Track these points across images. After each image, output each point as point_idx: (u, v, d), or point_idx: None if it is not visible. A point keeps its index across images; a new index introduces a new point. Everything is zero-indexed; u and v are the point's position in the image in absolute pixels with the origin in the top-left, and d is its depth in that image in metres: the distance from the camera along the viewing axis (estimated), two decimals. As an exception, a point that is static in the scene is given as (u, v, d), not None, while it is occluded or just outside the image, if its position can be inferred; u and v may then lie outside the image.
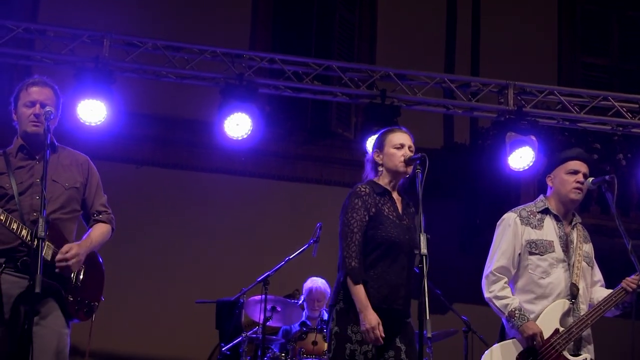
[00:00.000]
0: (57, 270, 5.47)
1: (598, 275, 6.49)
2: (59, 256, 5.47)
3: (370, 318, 5.53)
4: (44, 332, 5.42)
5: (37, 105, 5.70)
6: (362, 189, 5.87)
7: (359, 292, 5.60)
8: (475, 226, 12.21)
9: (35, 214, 5.41)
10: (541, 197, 6.48)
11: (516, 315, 6.07)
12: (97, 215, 5.91)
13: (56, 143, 5.87)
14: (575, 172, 6.32)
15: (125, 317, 10.74)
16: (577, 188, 6.30)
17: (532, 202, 6.50)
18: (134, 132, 11.40)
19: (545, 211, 6.36)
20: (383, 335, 5.53)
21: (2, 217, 5.36)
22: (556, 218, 6.34)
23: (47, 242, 5.40)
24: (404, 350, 5.66)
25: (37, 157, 5.70)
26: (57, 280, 5.51)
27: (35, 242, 5.08)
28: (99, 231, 5.87)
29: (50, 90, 5.82)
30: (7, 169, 5.62)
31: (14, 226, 5.39)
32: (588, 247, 6.40)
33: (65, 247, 5.52)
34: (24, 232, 5.41)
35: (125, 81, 9.31)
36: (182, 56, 9.33)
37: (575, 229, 6.38)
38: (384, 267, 5.69)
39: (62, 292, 5.54)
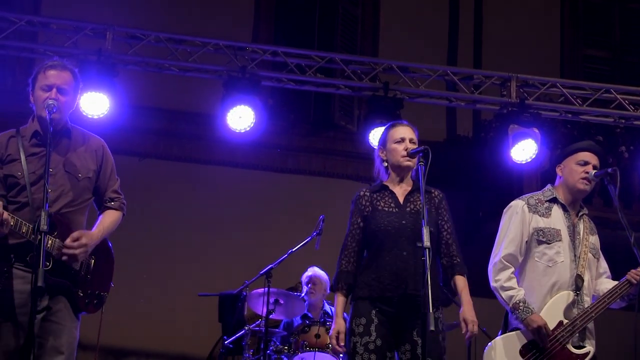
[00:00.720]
0: (63, 258, 5.40)
1: (604, 266, 6.47)
2: (67, 241, 5.39)
3: (335, 327, 5.70)
4: (53, 328, 5.40)
5: (54, 90, 5.56)
6: (359, 194, 5.98)
7: (338, 299, 5.80)
8: (478, 219, 12.23)
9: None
10: (549, 186, 6.48)
11: (520, 307, 6.05)
12: (109, 202, 5.82)
13: (70, 125, 5.77)
14: (585, 163, 6.32)
15: (127, 311, 10.73)
16: (585, 178, 6.30)
17: (539, 191, 6.49)
18: (137, 124, 11.42)
19: (553, 200, 6.35)
20: (342, 344, 5.66)
21: (12, 222, 5.28)
22: (563, 207, 6.33)
23: (56, 240, 5.39)
24: (421, 344, 5.55)
25: (52, 147, 5.50)
26: (66, 277, 5.46)
27: (39, 237, 5.05)
28: (110, 219, 5.78)
29: (68, 73, 5.68)
30: (20, 155, 5.52)
31: (24, 230, 5.31)
32: (594, 239, 6.39)
33: (76, 234, 5.44)
34: (33, 236, 5.31)
35: (128, 74, 9.30)
36: (185, 49, 9.32)
37: (582, 220, 6.37)
38: (382, 257, 5.70)
39: (71, 288, 5.50)
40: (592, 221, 6.53)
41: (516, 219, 6.28)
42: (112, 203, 5.83)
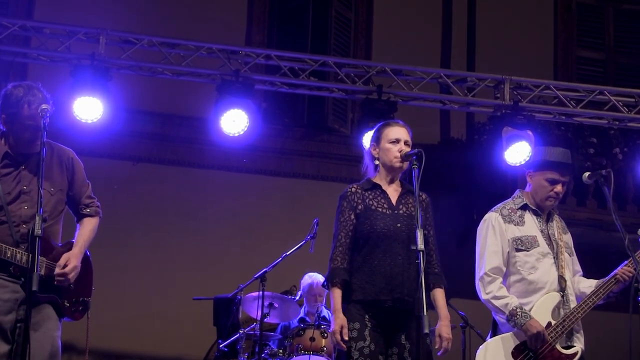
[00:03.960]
0: (56, 283, 5.54)
1: (577, 265, 6.53)
2: (57, 271, 5.53)
3: (337, 322, 5.60)
4: (38, 337, 5.45)
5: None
6: (349, 189, 5.91)
7: (335, 294, 5.69)
8: (472, 221, 12.21)
9: (24, 225, 5.46)
10: (518, 192, 6.53)
11: (518, 313, 6.07)
12: (84, 209, 5.91)
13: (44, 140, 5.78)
14: (554, 182, 6.35)
15: (122, 314, 10.74)
16: (553, 197, 6.34)
17: (509, 199, 6.54)
18: (130, 129, 11.42)
19: (524, 207, 6.41)
20: (346, 338, 5.55)
21: None
22: (535, 213, 6.39)
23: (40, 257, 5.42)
24: (408, 349, 5.60)
25: (24, 165, 5.66)
26: (53, 291, 5.57)
27: (30, 249, 5.12)
28: (88, 228, 5.87)
29: (48, 106, 5.67)
30: None
31: (9, 254, 5.40)
32: (567, 238, 6.46)
33: (62, 260, 5.57)
34: (18, 256, 5.43)
35: (122, 78, 9.30)
36: (178, 53, 9.31)
37: (553, 221, 6.42)
38: (377, 260, 5.67)
39: (58, 300, 5.61)
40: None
41: (493, 232, 6.34)
42: (88, 210, 5.92)
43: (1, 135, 5.76)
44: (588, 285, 6.37)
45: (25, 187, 5.56)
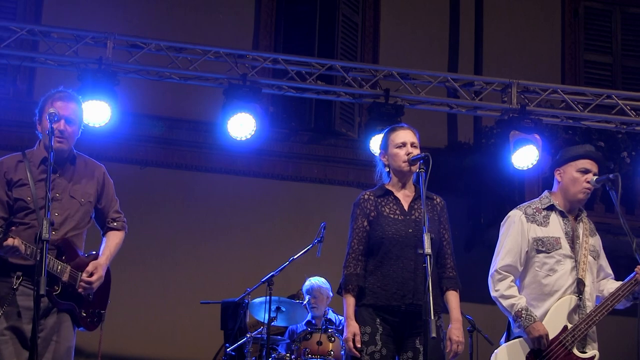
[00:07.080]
0: (79, 290, 5.68)
1: (606, 267, 6.47)
2: (84, 278, 5.68)
3: (349, 330, 5.63)
4: (56, 347, 5.61)
5: (62, 121, 5.75)
6: (362, 197, 5.95)
7: (348, 301, 5.74)
8: (480, 225, 12.22)
9: (54, 232, 5.53)
10: (546, 193, 6.46)
11: (523, 315, 6.04)
12: (111, 223, 6.07)
13: (75, 153, 5.94)
14: (586, 171, 6.30)
15: (129, 318, 10.73)
16: (587, 188, 6.29)
17: (536, 199, 6.47)
18: (137, 133, 11.44)
19: (550, 207, 6.34)
20: (359, 345, 5.58)
21: (22, 248, 5.43)
22: (562, 214, 6.32)
23: (62, 263, 5.61)
24: (423, 353, 5.56)
25: (59, 172, 5.78)
26: (73, 300, 5.68)
27: (41, 245, 5.15)
28: (115, 242, 6.03)
29: (75, 104, 5.89)
30: (29, 180, 5.67)
31: (28, 252, 5.47)
32: (594, 240, 6.38)
33: (90, 268, 5.72)
34: (49, 263, 5.52)
35: (129, 82, 9.32)
36: (186, 57, 9.32)
37: (581, 222, 6.36)
38: (389, 265, 5.70)
39: (76, 309, 5.72)
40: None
41: (514, 230, 6.27)
42: (115, 224, 6.08)
43: (40, 141, 5.91)
44: (611, 287, 6.31)
45: (57, 195, 5.70)
